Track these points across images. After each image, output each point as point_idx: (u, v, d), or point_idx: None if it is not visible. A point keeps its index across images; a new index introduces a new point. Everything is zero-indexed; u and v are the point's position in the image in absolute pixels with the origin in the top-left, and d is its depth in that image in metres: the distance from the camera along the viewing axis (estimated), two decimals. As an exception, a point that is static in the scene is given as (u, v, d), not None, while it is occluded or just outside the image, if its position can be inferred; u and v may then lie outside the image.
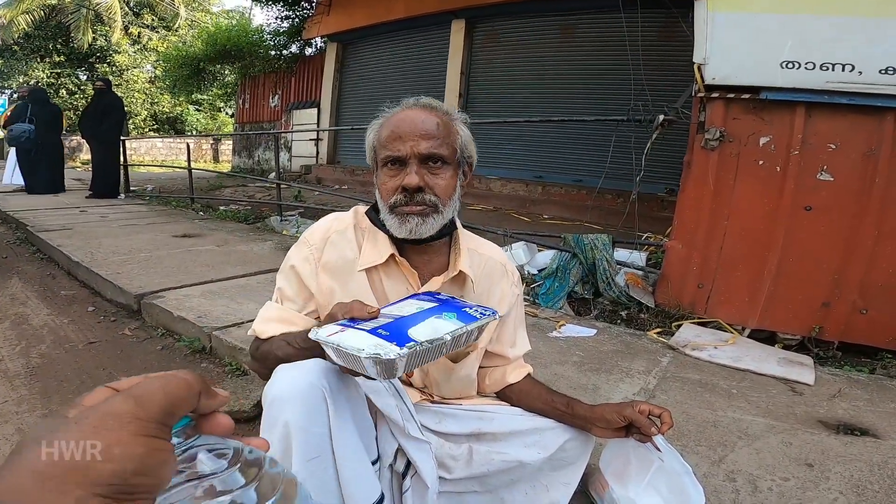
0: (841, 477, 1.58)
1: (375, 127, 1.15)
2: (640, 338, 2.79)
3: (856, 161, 2.58)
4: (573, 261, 3.47)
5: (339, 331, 0.84)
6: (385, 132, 1.11)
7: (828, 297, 2.72)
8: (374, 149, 1.14)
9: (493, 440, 1.21)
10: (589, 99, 6.92)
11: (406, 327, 0.84)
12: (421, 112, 1.11)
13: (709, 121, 2.86)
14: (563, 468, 1.25)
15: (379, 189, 1.13)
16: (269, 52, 12.80)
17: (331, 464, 0.92)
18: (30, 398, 1.97)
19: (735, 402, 2.08)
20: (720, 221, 2.92)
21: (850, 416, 2.01)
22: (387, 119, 1.13)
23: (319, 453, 0.91)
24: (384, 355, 0.76)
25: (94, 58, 19.73)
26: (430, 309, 0.93)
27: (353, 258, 1.14)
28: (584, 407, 1.20)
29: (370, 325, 0.85)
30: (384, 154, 1.10)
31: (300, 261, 1.15)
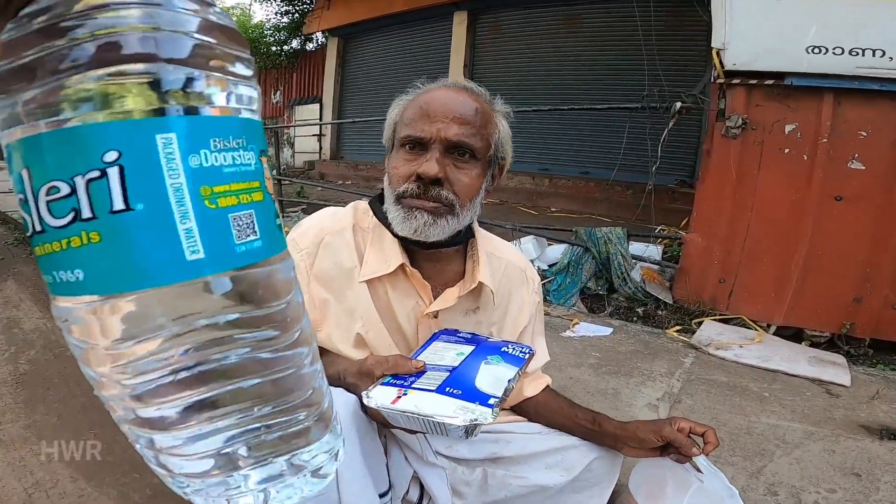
0: (892, 487, 1.48)
1: (402, 102, 0.98)
2: (659, 336, 2.66)
3: (887, 149, 2.46)
4: (586, 255, 3.33)
5: (400, 394, 0.75)
6: (411, 109, 0.94)
7: (859, 291, 2.59)
8: (394, 126, 0.97)
9: (510, 463, 1.07)
10: (596, 89, 6.78)
11: (470, 380, 0.78)
12: (458, 93, 0.93)
13: (730, 108, 2.73)
14: (587, 489, 1.11)
15: (389, 173, 0.95)
16: (270, 48, 12.69)
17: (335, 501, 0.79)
18: (14, 407, 1.86)
19: (768, 406, 1.97)
20: (743, 212, 2.78)
21: (892, 419, 1.90)
22: (416, 95, 0.97)
23: (321, 492, 0.78)
24: (480, 420, 0.70)
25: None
26: (473, 354, 0.86)
27: (352, 266, 0.96)
28: (614, 424, 1.06)
29: (431, 384, 0.77)
30: (404, 133, 0.92)
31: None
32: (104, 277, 0.20)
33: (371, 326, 0.95)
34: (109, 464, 1.59)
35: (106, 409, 1.17)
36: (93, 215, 0.19)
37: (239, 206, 0.21)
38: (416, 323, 0.99)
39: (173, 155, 0.20)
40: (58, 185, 0.19)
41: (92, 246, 0.19)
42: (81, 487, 1.47)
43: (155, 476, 1.18)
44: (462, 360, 0.84)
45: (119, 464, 1.59)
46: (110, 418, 1.33)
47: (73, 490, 1.46)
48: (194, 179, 0.20)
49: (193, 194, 0.20)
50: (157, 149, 0.20)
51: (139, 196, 0.19)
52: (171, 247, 0.20)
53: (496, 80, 8.02)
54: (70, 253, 0.20)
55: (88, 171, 0.19)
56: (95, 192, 0.19)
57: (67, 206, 0.19)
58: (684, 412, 1.86)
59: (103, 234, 0.19)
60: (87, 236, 0.19)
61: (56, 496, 1.43)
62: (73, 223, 0.19)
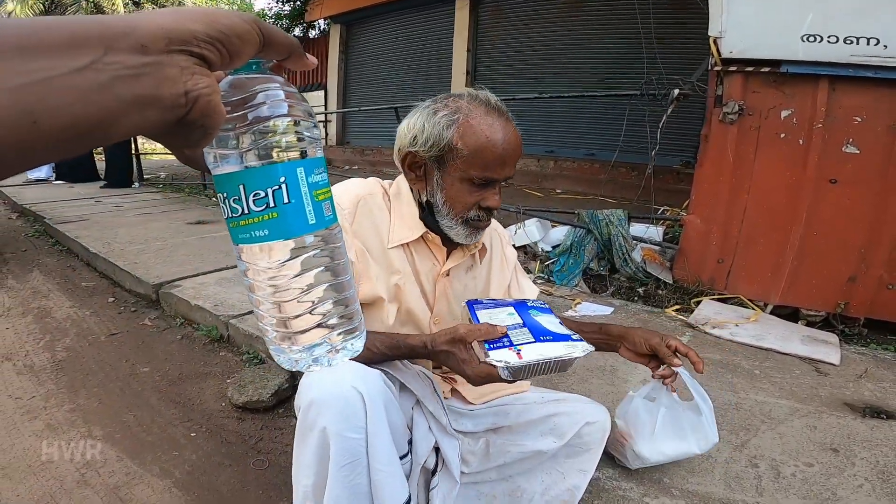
0: (867, 463, 1.54)
1: (456, 123, 1.01)
2: (659, 315, 2.76)
3: (882, 134, 2.51)
4: (588, 237, 3.43)
5: (515, 352, 0.91)
6: (481, 146, 1.00)
7: (854, 271, 2.66)
8: (453, 150, 1.01)
9: (508, 432, 1.21)
10: (600, 73, 6.77)
11: (544, 329, 0.98)
12: (514, 131, 1.04)
13: (727, 94, 2.80)
14: (579, 455, 1.25)
15: (449, 196, 1.05)
16: (272, 37, 12.68)
17: (364, 468, 0.93)
18: (57, 392, 2.01)
19: (758, 383, 2.05)
20: (740, 195, 2.86)
21: (876, 398, 1.96)
22: (480, 123, 1.01)
23: (354, 458, 0.92)
24: (588, 349, 0.92)
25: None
26: (519, 312, 1.05)
27: (386, 227, 1.11)
28: (617, 327, 1.26)
29: (527, 338, 0.94)
30: (479, 174, 1.02)
31: None
32: (278, 232, 0.40)
33: (406, 279, 1.12)
34: (150, 443, 1.74)
35: (142, 393, 1.38)
36: (275, 205, 0.40)
37: (325, 199, 0.43)
38: (434, 281, 1.16)
39: (303, 177, 0.41)
40: (259, 192, 0.39)
41: (273, 219, 0.40)
42: (128, 466, 1.62)
43: (194, 452, 1.36)
44: (517, 318, 1.02)
45: (158, 443, 1.74)
46: (147, 401, 1.54)
47: (121, 468, 1.61)
48: (311, 188, 0.41)
49: (311, 195, 0.41)
50: (298, 175, 0.40)
51: (293, 195, 0.40)
52: (303, 218, 0.41)
53: (498, 64, 8.02)
54: (262, 223, 0.40)
55: (273, 186, 0.39)
56: (276, 195, 0.39)
57: (263, 201, 0.39)
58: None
59: (279, 213, 0.40)
60: (271, 214, 0.40)
61: (106, 474, 1.58)
62: (266, 209, 0.39)
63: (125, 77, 0.27)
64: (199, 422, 1.87)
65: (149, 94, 0.28)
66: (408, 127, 1.06)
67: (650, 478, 1.44)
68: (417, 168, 1.08)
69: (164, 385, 2.09)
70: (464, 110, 1.01)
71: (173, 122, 0.31)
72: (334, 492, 0.92)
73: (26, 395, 1.98)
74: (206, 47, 0.31)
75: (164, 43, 0.29)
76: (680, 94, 3.10)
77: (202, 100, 0.31)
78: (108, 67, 0.27)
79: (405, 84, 9.17)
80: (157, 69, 0.29)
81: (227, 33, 0.32)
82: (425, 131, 1.02)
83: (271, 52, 0.38)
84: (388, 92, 9.26)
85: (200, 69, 0.31)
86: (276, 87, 0.40)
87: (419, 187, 1.10)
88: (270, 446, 1.76)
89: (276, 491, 1.54)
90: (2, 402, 1.92)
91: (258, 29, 0.35)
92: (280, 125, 0.39)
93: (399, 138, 1.09)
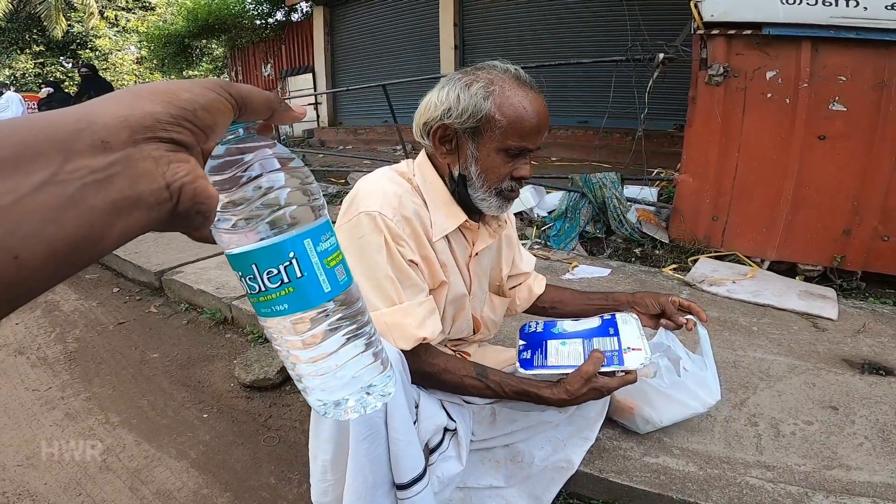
0: (867, 420, 1.54)
1: (493, 94, 1.02)
2: (656, 275, 2.80)
3: (868, 92, 2.53)
4: (582, 200, 3.45)
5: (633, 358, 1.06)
6: (519, 116, 1.02)
7: (848, 224, 2.68)
8: (491, 121, 1.02)
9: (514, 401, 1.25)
10: (587, 40, 6.71)
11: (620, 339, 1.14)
12: (543, 101, 1.05)
13: (711, 57, 2.80)
14: (581, 422, 1.29)
15: (484, 168, 1.06)
16: (255, 22, 12.41)
17: (383, 440, 0.96)
18: (72, 383, 2.06)
19: (756, 340, 2.04)
20: (731, 154, 2.88)
21: (874, 353, 1.95)
22: (515, 95, 1.02)
23: (373, 430, 0.95)
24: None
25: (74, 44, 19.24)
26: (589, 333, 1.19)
27: (428, 222, 1.10)
28: (624, 294, 1.33)
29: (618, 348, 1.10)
30: (517, 144, 1.03)
31: (391, 244, 1.03)
32: (297, 305, 0.41)
33: (451, 268, 1.14)
34: (165, 426, 1.79)
35: (153, 378, 1.43)
36: (290, 280, 0.40)
37: (337, 265, 0.43)
38: (466, 263, 1.19)
39: (312, 249, 0.41)
40: (272, 269, 0.40)
41: (290, 293, 0.40)
42: (146, 449, 1.68)
43: (207, 433, 1.42)
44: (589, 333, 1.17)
45: (173, 426, 1.80)
46: (159, 386, 1.61)
47: (139, 452, 1.67)
48: (321, 257, 0.42)
49: (322, 264, 0.42)
50: (306, 247, 0.41)
51: (304, 269, 0.41)
52: (319, 288, 0.41)
53: (486, 37, 7.93)
54: (281, 298, 0.41)
55: (284, 263, 0.40)
56: (289, 270, 0.40)
57: (278, 278, 0.40)
58: None
59: (295, 287, 0.40)
60: (288, 289, 0.40)
61: (126, 458, 1.64)
62: (281, 285, 0.40)
63: (94, 183, 0.24)
64: (209, 403, 1.93)
65: (127, 196, 0.25)
66: (439, 100, 1.05)
67: (650, 437, 1.46)
68: (448, 141, 1.07)
69: (173, 369, 2.14)
70: (497, 82, 1.02)
71: (166, 218, 0.28)
72: (357, 464, 0.96)
73: (43, 386, 2.03)
74: (173, 130, 0.28)
75: (127, 133, 0.26)
76: (665, 59, 3.09)
77: (187, 189, 0.28)
78: (72, 177, 0.23)
79: (393, 61, 9.06)
80: (129, 166, 0.26)
81: (191, 108, 0.29)
82: (461, 103, 1.02)
83: (250, 114, 0.35)
84: (376, 70, 9.15)
85: (176, 155, 0.28)
86: (269, 154, 0.39)
87: (450, 161, 1.09)
88: (279, 423, 1.81)
89: (287, 465, 1.60)
90: (20, 394, 1.98)
91: (226, 94, 0.32)
92: (281, 196, 0.38)
93: (425, 112, 1.07)
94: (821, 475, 1.32)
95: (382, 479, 0.99)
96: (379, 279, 1.02)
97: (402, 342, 1.02)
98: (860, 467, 1.35)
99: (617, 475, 1.34)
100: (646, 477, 1.32)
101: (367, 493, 0.97)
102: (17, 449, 1.67)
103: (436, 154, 1.10)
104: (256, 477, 1.56)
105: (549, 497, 1.27)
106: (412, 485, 1.00)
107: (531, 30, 7.28)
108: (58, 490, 1.50)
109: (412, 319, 1.02)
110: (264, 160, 0.38)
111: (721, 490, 1.27)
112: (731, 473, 1.33)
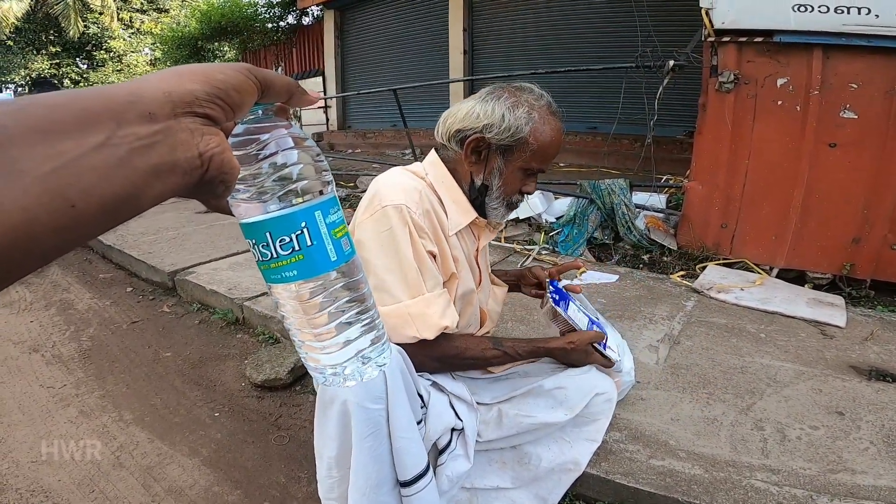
0: (872, 426, 1.54)
1: (533, 121, 1.11)
2: (664, 282, 2.80)
3: (878, 99, 2.53)
4: (591, 207, 3.46)
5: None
6: (547, 144, 1.13)
7: (858, 232, 2.68)
8: (524, 143, 1.12)
9: (521, 400, 1.26)
10: (596, 46, 6.72)
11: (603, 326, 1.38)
12: (563, 131, 1.17)
13: (722, 64, 2.82)
14: (588, 424, 1.30)
15: (504, 181, 1.16)
16: (266, 25, 12.54)
17: (385, 437, 0.98)
18: (86, 380, 2.10)
19: (763, 346, 2.05)
20: (741, 161, 2.88)
21: (882, 360, 1.96)
22: (547, 124, 1.13)
23: (376, 428, 0.97)
24: None
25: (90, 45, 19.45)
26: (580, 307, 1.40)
27: (444, 217, 1.17)
28: (519, 270, 1.52)
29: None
30: (538, 165, 1.15)
31: (415, 236, 1.09)
32: (305, 272, 0.43)
33: (462, 267, 1.21)
34: (177, 424, 1.82)
35: (166, 377, 1.45)
36: (300, 248, 0.42)
37: (343, 236, 0.46)
38: (475, 256, 1.28)
39: (322, 220, 0.44)
40: (285, 237, 0.42)
41: (300, 260, 0.43)
42: (158, 447, 1.70)
43: (218, 431, 1.44)
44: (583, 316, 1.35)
45: (185, 424, 1.82)
46: (171, 384, 1.63)
47: (152, 449, 1.69)
48: (329, 228, 0.44)
49: (330, 235, 0.44)
50: (317, 218, 0.43)
51: (314, 238, 0.43)
52: (326, 256, 0.44)
53: (495, 42, 7.95)
54: (291, 265, 0.43)
55: (296, 231, 0.42)
56: (300, 239, 0.42)
57: (289, 246, 0.42)
58: (683, 353, 2.00)
59: (304, 255, 0.43)
60: (298, 256, 0.42)
61: (139, 456, 1.66)
62: (292, 252, 0.42)
63: (140, 148, 0.28)
64: (221, 402, 1.95)
65: (166, 161, 0.29)
66: (482, 113, 1.11)
67: (656, 440, 1.47)
68: (479, 153, 1.14)
69: (186, 368, 2.17)
70: (536, 109, 1.12)
71: (195, 184, 0.32)
72: (360, 461, 0.98)
73: (57, 383, 2.07)
74: (208, 106, 0.32)
75: (170, 108, 0.30)
76: (675, 66, 3.10)
77: (216, 158, 0.32)
78: (123, 141, 0.27)
79: (403, 65, 9.11)
80: (169, 136, 0.29)
81: (224, 88, 0.33)
82: (505, 121, 1.10)
83: (271, 97, 0.39)
84: (386, 74, 9.21)
85: (208, 128, 0.32)
86: (284, 133, 0.42)
87: (475, 170, 1.17)
88: (290, 422, 1.84)
89: (297, 464, 1.62)
90: (34, 391, 2.01)
91: (253, 77, 0.36)
92: (294, 171, 0.42)
93: (462, 120, 1.14)
94: (826, 479, 1.33)
95: (386, 476, 1.01)
96: (405, 270, 1.07)
97: (427, 331, 1.07)
98: (865, 471, 1.35)
99: (623, 477, 1.35)
100: (652, 479, 1.33)
101: (371, 491, 0.99)
102: (31, 445, 1.70)
103: (462, 161, 1.17)
104: (267, 475, 1.58)
105: (555, 498, 1.28)
106: (415, 481, 1.01)
107: (541, 35, 7.30)
108: (71, 487, 1.52)
109: (435, 309, 1.08)
110: (280, 139, 0.41)
111: (726, 493, 1.28)
112: (736, 476, 1.34)
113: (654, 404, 1.66)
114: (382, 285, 1.08)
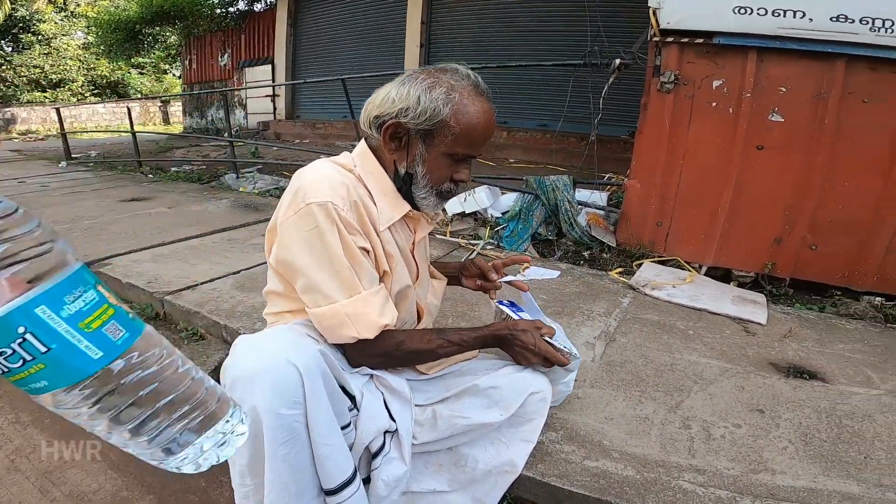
0: (790, 424, 1.59)
1: (453, 102, 1.02)
2: (602, 278, 2.83)
3: (806, 103, 2.62)
4: (536, 202, 3.47)
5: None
6: (471, 127, 1.04)
7: (779, 233, 2.79)
8: (445, 127, 1.03)
9: (455, 401, 1.22)
10: (551, 44, 6.79)
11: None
12: (494, 113, 1.08)
13: (664, 64, 2.86)
14: (523, 425, 1.26)
15: (429, 169, 1.07)
16: (215, 11, 12.02)
17: (305, 443, 0.92)
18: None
19: (691, 343, 2.10)
20: (676, 161, 2.95)
21: (799, 357, 2.03)
22: (472, 105, 1.03)
23: (293, 435, 0.90)
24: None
25: (17, 28, 18.25)
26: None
27: (375, 213, 1.09)
28: (460, 262, 1.48)
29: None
30: (463, 151, 1.06)
31: (344, 234, 1.01)
32: (58, 381, 0.34)
33: (397, 262, 1.13)
34: (81, 426, 1.67)
35: None
36: (33, 358, 0.33)
37: (107, 322, 0.36)
38: (410, 250, 1.20)
39: (52, 315, 0.34)
40: (4, 350, 0.32)
41: (43, 370, 0.34)
42: (60, 450, 1.57)
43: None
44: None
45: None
46: None
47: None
48: (72, 322, 0.34)
49: (77, 329, 0.34)
50: (41, 316, 0.33)
51: (50, 342, 0.33)
52: (83, 356, 0.34)
53: (453, 37, 7.93)
54: (33, 375, 0.34)
55: (17, 339, 0.32)
56: (27, 347, 0.33)
57: (17, 358, 0.33)
58: (618, 350, 2.01)
59: (45, 363, 0.33)
60: (37, 367, 0.34)
61: (36, 460, 1.52)
62: (24, 365, 0.33)
63: None
64: (134, 402, 1.81)
65: None
66: (398, 97, 1.03)
67: (591, 440, 1.47)
68: (398, 139, 1.07)
69: (96, 366, 2.01)
70: (458, 89, 1.03)
71: None
72: (274, 470, 0.91)
73: (-57, 383, 1.87)
74: None
75: None
76: (621, 64, 3.14)
77: None
78: None
79: (357, 57, 8.95)
80: None
81: None
82: (421, 104, 1.02)
83: None
84: (339, 65, 9.00)
85: None
86: None
87: (397, 157, 1.09)
88: (210, 422, 1.72)
89: (220, 468, 1.50)
90: (-84, 392, 1.81)
91: None
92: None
93: (379, 106, 1.06)
94: (748, 479, 1.35)
95: (307, 484, 0.95)
96: (337, 269, 1.00)
97: (366, 331, 1.02)
98: (784, 471, 1.38)
99: (559, 479, 1.33)
100: (586, 481, 1.32)
101: (292, 500, 0.94)
102: None
103: (383, 149, 1.09)
104: (184, 479, 1.47)
105: (492, 501, 1.24)
106: (341, 489, 0.96)
107: (497, 31, 7.32)
108: (-44, 493, 1.37)
109: (373, 307, 1.03)
110: None
111: (656, 495, 1.28)
112: (665, 478, 1.34)
113: (589, 403, 1.66)
114: (314, 286, 1.01)
